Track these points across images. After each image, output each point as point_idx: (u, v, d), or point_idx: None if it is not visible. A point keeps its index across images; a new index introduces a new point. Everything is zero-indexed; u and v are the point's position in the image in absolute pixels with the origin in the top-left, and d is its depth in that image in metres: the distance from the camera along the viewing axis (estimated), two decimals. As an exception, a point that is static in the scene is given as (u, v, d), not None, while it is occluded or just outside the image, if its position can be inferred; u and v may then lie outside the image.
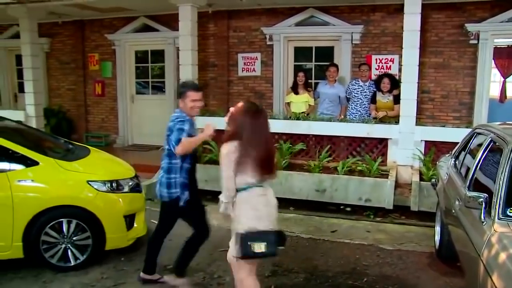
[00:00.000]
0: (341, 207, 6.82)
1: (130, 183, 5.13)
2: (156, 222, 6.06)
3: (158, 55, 10.41)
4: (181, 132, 3.92)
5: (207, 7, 8.87)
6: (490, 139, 3.98)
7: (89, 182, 4.71)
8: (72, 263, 4.65)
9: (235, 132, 3.33)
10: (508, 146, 3.40)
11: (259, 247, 3.17)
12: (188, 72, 8.18)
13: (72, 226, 4.60)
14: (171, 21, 9.38)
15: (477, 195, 3.26)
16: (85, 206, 4.63)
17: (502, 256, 2.66)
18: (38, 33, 9.48)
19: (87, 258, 4.68)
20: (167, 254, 5.02)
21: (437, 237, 5.18)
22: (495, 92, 12.67)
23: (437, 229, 5.23)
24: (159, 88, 10.67)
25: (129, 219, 4.98)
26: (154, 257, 4.43)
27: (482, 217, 3.17)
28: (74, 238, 4.62)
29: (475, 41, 8.05)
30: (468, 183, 3.93)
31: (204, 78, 9.63)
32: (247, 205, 3.29)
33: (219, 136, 8.07)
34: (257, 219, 3.25)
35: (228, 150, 3.28)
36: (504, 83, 11.91)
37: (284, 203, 6.84)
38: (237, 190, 3.33)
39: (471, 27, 7.98)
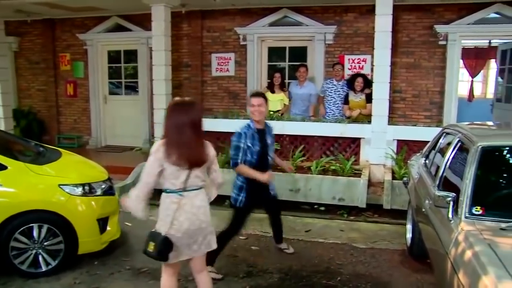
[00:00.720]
0: (315, 206, 6.87)
1: (103, 186, 5.07)
2: (130, 224, 6.09)
3: (131, 55, 10.30)
4: (236, 151, 4.40)
5: (180, 7, 8.81)
6: (458, 139, 4.06)
7: (61, 186, 4.64)
8: (43, 269, 4.55)
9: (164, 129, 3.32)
10: (474, 146, 3.48)
11: (151, 247, 3.24)
12: (161, 72, 8.14)
13: (43, 231, 4.51)
14: (144, 21, 9.28)
15: (446, 194, 3.33)
16: (56, 211, 4.55)
17: (468, 254, 2.72)
18: (5, 31, 9.27)
19: (59, 263, 4.60)
20: (140, 257, 5.01)
21: (409, 235, 5.27)
22: (464, 91, 13.01)
23: (409, 227, 5.33)
24: (132, 89, 10.57)
25: (102, 223, 4.92)
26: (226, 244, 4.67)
27: (450, 216, 3.24)
28: (45, 243, 4.53)
29: (444, 42, 8.21)
30: (437, 183, 4.01)
31: (178, 78, 9.59)
32: (161, 207, 3.32)
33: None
34: (162, 221, 3.28)
35: (156, 148, 3.23)
36: (472, 82, 12.25)
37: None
38: (163, 190, 3.34)
39: (440, 28, 8.13)
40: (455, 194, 3.29)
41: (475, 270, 2.56)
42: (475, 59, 11.77)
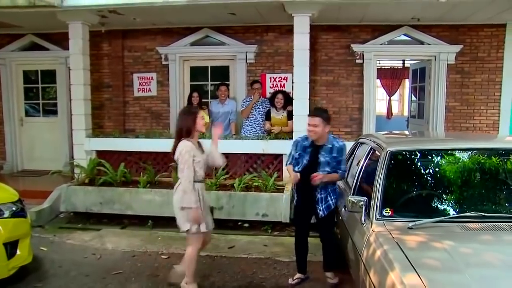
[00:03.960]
0: (239, 223, 6.83)
1: (14, 208, 4.78)
2: (45, 249, 5.79)
3: (50, 75, 9.90)
4: (288, 156, 4.79)
5: (99, 26, 8.58)
6: (370, 147, 4.21)
7: (-40, 209, 4.31)
8: None
9: None
10: (383, 151, 3.61)
11: None
12: (80, 92, 7.87)
13: None
14: (62, 40, 8.91)
15: (358, 199, 3.42)
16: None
17: (377, 253, 2.79)
18: None
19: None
20: (55, 282, 4.77)
21: (330, 246, 5.34)
22: (383, 109, 13.67)
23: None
24: (51, 110, 10.12)
25: (11, 247, 4.59)
26: (298, 257, 4.89)
27: (363, 220, 3.33)
28: None
29: (360, 61, 8.56)
30: (352, 190, 4.12)
31: (99, 99, 9.34)
32: None
33: (111, 157, 7.86)
34: None
35: None
36: (389, 101, 12.90)
37: (182, 223, 6.77)
38: None
39: (356, 47, 8.48)
40: (367, 199, 3.38)
41: (383, 267, 2.62)
42: (391, 79, 12.43)
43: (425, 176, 3.62)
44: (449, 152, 3.67)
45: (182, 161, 4.17)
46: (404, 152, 3.70)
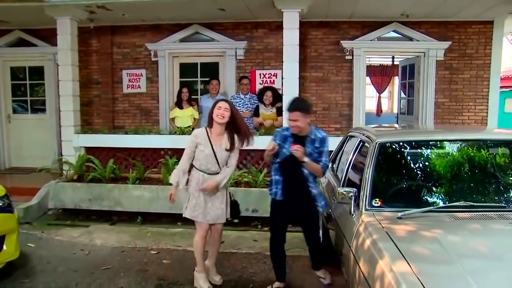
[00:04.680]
0: (229, 219, 6.80)
1: (0, 203, 4.73)
2: (33, 246, 5.73)
3: (38, 73, 9.80)
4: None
5: (88, 22, 8.53)
6: (359, 139, 4.22)
7: None
8: None
9: None
10: (372, 143, 3.62)
11: None
12: (69, 88, 7.81)
13: None
14: (51, 36, 8.83)
15: (348, 190, 3.42)
16: None
17: (367, 243, 2.79)
18: None
19: None
20: (42, 278, 4.72)
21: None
22: (373, 106, 13.71)
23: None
24: (40, 108, 10.03)
25: (-4, 242, 4.56)
26: (276, 263, 4.51)
27: (352, 210, 3.33)
28: None
29: (350, 57, 8.58)
30: (341, 183, 4.12)
31: (88, 95, 9.29)
32: None
33: (100, 153, 7.79)
34: None
35: None
36: (379, 98, 12.95)
37: (171, 219, 6.77)
38: None
39: (346, 43, 8.51)
40: (356, 190, 3.38)
41: (373, 256, 2.62)
42: (380, 76, 12.46)
43: (414, 167, 3.63)
44: (438, 143, 3.69)
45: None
46: (393, 144, 3.71)
